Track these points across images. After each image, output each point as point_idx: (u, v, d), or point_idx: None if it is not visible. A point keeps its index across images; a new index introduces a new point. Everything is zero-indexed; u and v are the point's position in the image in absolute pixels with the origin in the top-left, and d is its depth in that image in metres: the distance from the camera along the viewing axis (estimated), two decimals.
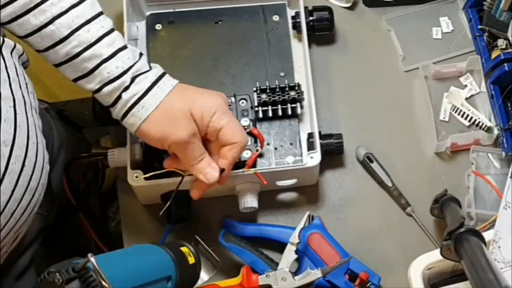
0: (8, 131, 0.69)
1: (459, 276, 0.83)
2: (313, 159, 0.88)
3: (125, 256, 0.69)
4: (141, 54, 0.81)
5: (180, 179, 0.84)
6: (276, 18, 1.02)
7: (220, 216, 0.91)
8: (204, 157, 0.80)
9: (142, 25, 1.01)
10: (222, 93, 0.84)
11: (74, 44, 0.76)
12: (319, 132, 0.91)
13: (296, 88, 0.93)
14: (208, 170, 0.80)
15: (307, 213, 0.88)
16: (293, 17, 1.01)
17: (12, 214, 0.72)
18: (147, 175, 0.85)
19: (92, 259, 0.59)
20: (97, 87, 0.78)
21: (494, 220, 0.85)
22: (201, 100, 0.80)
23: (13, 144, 0.70)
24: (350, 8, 1.07)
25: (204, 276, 0.80)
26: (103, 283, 0.58)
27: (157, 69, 0.81)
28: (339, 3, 1.07)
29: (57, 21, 0.76)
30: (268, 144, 0.92)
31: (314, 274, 0.83)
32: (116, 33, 0.80)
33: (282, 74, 0.97)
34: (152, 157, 0.88)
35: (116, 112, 0.79)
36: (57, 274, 0.58)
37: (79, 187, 0.95)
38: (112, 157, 0.91)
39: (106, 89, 0.78)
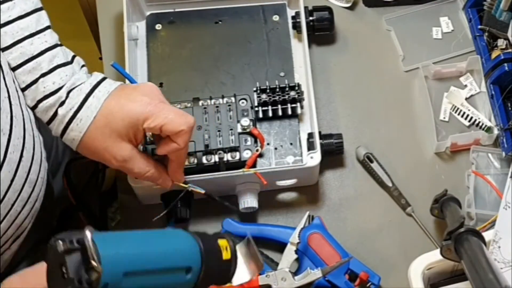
0: (5, 120, 0.70)
1: (459, 276, 0.83)
2: (313, 159, 0.88)
3: (136, 237, 0.62)
4: (82, 66, 0.80)
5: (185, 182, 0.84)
6: (276, 18, 1.02)
7: (221, 216, 0.91)
8: (150, 172, 0.79)
9: (142, 25, 1.01)
10: (152, 84, 0.81)
11: (16, 55, 0.76)
12: (319, 132, 0.91)
13: (296, 88, 0.93)
14: (160, 182, 0.81)
15: (307, 213, 0.88)
16: (293, 17, 1.00)
17: (12, 205, 0.72)
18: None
19: (88, 234, 0.54)
20: (35, 101, 0.77)
21: (494, 220, 0.85)
22: (130, 110, 0.76)
23: (10, 133, 0.70)
24: (350, 8, 1.07)
25: (244, 276, 0.71)
26: (93, 262, 0.54)
27: (94, 77, 0.79)
28: (339, 3, 1.07)
29: (3, 29, 0.76)
30: (268, 144, 0.92)
31: (314, 274, 0.83)
32: (59, 48, 0.79)
33: (282, 74, 0.97)
34: (153, 156, 0.88)
35: (55, 130, 0.78)
36: (61, 242, 0.55)
37: (79, 187, 0.95)
38: None
39: (42, 105, 0.77)
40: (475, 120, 0.97)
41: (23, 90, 0.77)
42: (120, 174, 0.92)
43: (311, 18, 1.00)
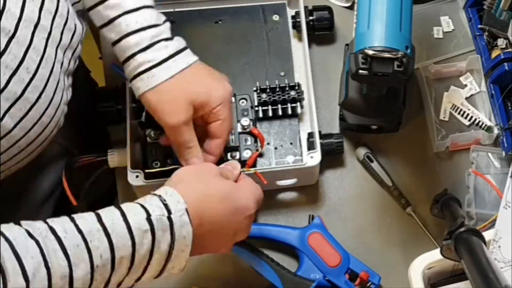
0: (33, 59, 0.70)
1: (459, 276, 0.83)
2: (313, 158, 0.88)
3: None
4: (166, 21, 0.81)
5: None
6: (276, 17, 1.02)
7: None
8: (192, 146, 0.80)
9: None
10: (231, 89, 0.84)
11: None
12: (319, 132, 0.91)
13: (296, 87, 0.93)
14: (193, 160, 0.81)
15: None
16: (293, 17, 1.01)
17: (17, 141, 0.72)
18: (150, 171, 0.86)
19: None
20: (116, 38, 0.79)
21: (494, 220, 0.85)
22: (212, 87, 0.81)
23: (35, 73, 0.71)
24: (350, 7, 1.07)
25: None
26: None
27: (179, 42, 0.81)
28: (339, 2, 1.07)
29: None
30: (268, 143, 0.92)
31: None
32: None
33: (282, 73, 0.97)
34: (152, 156, 0.88)
35: (127, 71, 0.79)
36: None
37: (80, 187, 0.95)
38: (112, 157, 0.91)
39: (123, 42, 0.78)
40: (475, 119, 0.97)
41: (105, 25, 0.79)
42: (120, 174, 0.92)
43: (311, 17, 1.00)
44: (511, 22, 0.94)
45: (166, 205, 0.67)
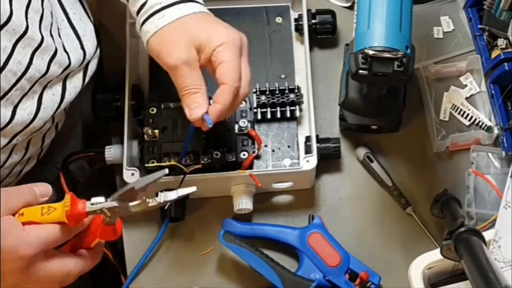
0: None
1: (459, 276, 0.83)
2: (309, 163, 0.88)
3: None
4: None
5: (182, 178, 0.84)
6: (279, 20, 1.02)
7: (218, 216, 0.91)
8: (194, 92, 0.76)
9: None
10: (245, 36, 0.81)
11: None
12: (317, 136, 0.91)
13: (296, 91, 0.93)
14: (194, 106, 0.76)
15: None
16: (296, 20, 1.00)
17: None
18: (150, 164, 0.86)
19: None
20: None
21: (494, 220, 0.85)
22: (214, 29, 0.78)
23: None
24: (350, 7, 1.06)
25: None
26: None
27: None
28: (339, 2, 1.07)
29: None
30: (265, 146, 0.92)
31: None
32: None
33: (282, 76, 0.97)
34: (150, 154, 0.88)
35: (138, 19, 0.79)
36: None
37: (79, 183, 0.95)
38: (109, 153, 0.91)
39: None
40: (475, 119, 0.97)
41: None
42: (119, 171, 0.92)
43: (313, 21, 1.00)
44: (511, 22, 0.94)
45: None
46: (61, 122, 0.90)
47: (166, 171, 0.72)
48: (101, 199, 0.69)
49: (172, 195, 0.73)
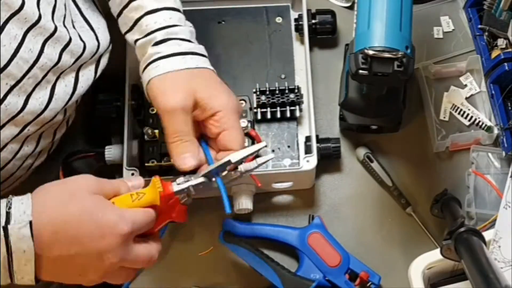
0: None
1: (459, 276, 0.83)
2: (309, 163, 0.88)
3: None
4: (189, 26, 0.82)
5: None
6: (279, 20, 1.02)
7: (218, 216, 0.91)
8: (186, 140, 0.76)
9: None
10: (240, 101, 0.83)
11: None
12: (317, 136, 0.91)
13: (296, 91, 0.93)
14: (185, 155, 0.75)
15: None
16: (296, 20, 1.00)
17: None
18: (150, 164, 0.86)
19: None
20: (135, 38, 0.80)
21: (494, 220, 0.85)
22: (216, 92, 0.78)
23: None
24: (350, 7, 1.06)
25: None
26: None
27: (197, 47, 0.81)
28: (339, 2, 1.07)
29: None
30: (265, 146, 0.92)
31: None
32: None
33: (283, 76, 0.97)
34: (150, 154, 0.88)
35: (140, 66, 0.80)
36: None
37: None
38: (109, 153, 0.91)
39: (141, 41, 0.80)
40: (475, 119, 0.97)
41: (130, 29, 0.82)
42: (119, 171, 0.92)
43: (313, 21, 1.00)
44: (511, 22, 0.94)
45: (8, 213, 0.63)
46: (72, 118, 0.90)
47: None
48: (182, 179, 0.73)
49: (252, 165, 0.76)
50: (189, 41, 0.81)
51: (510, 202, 0.83)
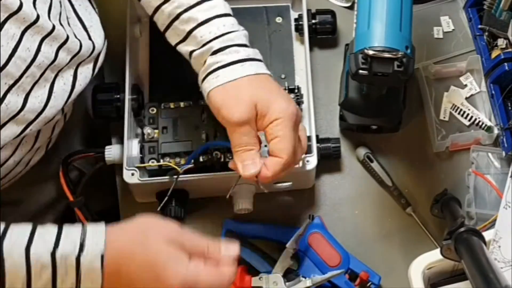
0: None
1: (459, 276, 0.83)
2: (309, 163, 0.88)
3: None
4: (243, 29, 0.82)
5: (175, 178, 0.84)
6: (279, 20, 1.02)
7: (218, 216, 0.91)
8: (251, 149, 0.77)
9: (144, 25, 1.01)
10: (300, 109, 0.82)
11: (175, 5, 0.79)
12: (317, 136, 0.91)
13: (296, 91, 0.93)
14: (248, 162, 0.76)
15: (307, 221, 0.86)
16: (296, 20, 1.00)
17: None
18: (141, 165, 0.86)
19: None
20: (190, 49, 0.80)
21: (494, 220, 0.85)
22: (275, 99, 0.77)
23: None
24: (350, 7, 1.06)
25: None
26: None
27: (254, 52, 0.80)
28: (339, 2, 1.07)
29: None
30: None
31: (304, 282, 0.83)
32: (219, 1, 0.81)
33: (283, 76, 0.97)
34: (149, 155, 0.88)
35: (199, 76, 0.80)
36: None
37: (77, 182, 0.95)
38: (109, 153, 0.91)
39: (197, 52, 0.79)
40: (475, 119, 0.97)
41: (182, 40, 0.80)
42: (119, 171, 0.92)
43: (313, 21, 1.00)
44: (511, 22, 0.94)
45: (82, 244, 0.64)
46: (69, 113, 0.90)
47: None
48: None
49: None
50: (245, 45, 0.80)
51: (510, 202, 0.83)
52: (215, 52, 0.78)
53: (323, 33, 1.01)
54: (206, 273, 0.68)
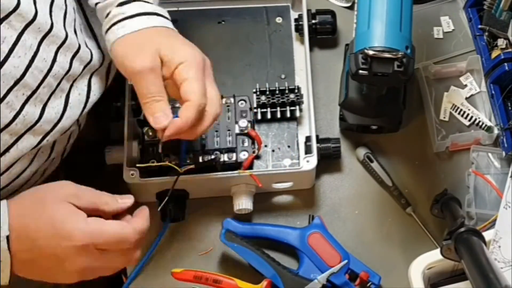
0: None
1: (459, 276, 0.83)
2: (309, 163, 0.88)
3: None
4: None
5: (176, 178, 0.84)
6: (279, 20, 1.02)
7: (218, 216, 0.91)
8: (159, 100, 0.74)
9: None
10: (209, 60, 0.79)
11: None
12: (317, 136, 0.91)
13: (296, 91, 0.93)
14: (158, 114, 0.74)
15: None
16: (296, 20, 1.01)
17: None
18: (141, 165, 0.86)
19: None
20: (96, 0, 0.79)
21: (494, 220, 0.85)
22: (178, 46, 0.77)
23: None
24: (350, 7, 1.06)
25: None
26: None
27: (161, 10, 0.80)
28: (339, 3, 1.07)
29: None
30: (265, 146, 0.92)
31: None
32: None
33: (283, 76, 0.97)
34: (150, 155, 0.88)
35: (103, 26, 0.79)
36: None
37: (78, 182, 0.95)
38: (109, 154, 0.91)
39: (102, 3, 0.79)
40: (475, 119, 0.97)
41: None
42: (118, 171, 0.92)
43: (313, 21, 1.00)
44: (511, 22, 0.94)
45: None
46: (83, 123, 0.90)
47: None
48: None
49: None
50: (151, 4, 0.80)
51: (510, 202, 0.83)
52: (121, 4, 0.78)
53: (323, 33, 1.01)
54: (109, 223, 0.71)
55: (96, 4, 0.81)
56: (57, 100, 0.77)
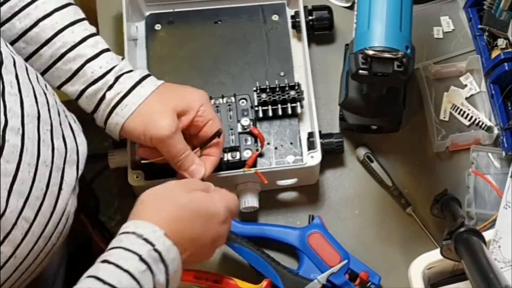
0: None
1: (459, 276, 0.83)
2: (314, 158, 0.88)
3: None
4: (123, 58, 0.82)
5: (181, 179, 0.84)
6: (275, 17, 1.02)
7: None
8: (188, 153, 0.80)
9: (141, 25, 1.01)
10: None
11: (58, 45, 0.77)
12: (319, 132, 0.91)
13: (296, 87, 0.93)
14: (194, 167, 0.80)
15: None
16: (292, 17, 1.00)
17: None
18: (145, 161, 0.85)
19: None
20: (81, 88, 0.78)
21: (494, 220, 0.85)
22: (187, 93, 0.81)
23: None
24: (350, 7, 1.06)
25: None
26: None
27: (142, 70, 0.82)
28: (339, 2, 1.07)
29: (41, 23, 0.77)
30: (268, 143, 0.92)
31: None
32: (99, 37, 0.81)
33: (282, 73, 0.97)
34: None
35: (100, 115, 0.79)
36: None
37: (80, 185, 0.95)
38: (112, 158, 0.91)
39: (90, 89, 0.78)
40: (475, 119, 0.97)
41: (68, 79, 0.78)
42: (120, 174, 0.92)
43: (310, 17, 1.00)
44: (511, 22, 0.94)
45: (146, 239, 0.66)
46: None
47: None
48: None
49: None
50: (132, 70, 0.81)
51: (510, 202, 0.83)
52: (111, 86, 0.79)
53: (320, 29, 1.01)
54: (226, 193, 0.75)
55: (82, 91, 0.79)
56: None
